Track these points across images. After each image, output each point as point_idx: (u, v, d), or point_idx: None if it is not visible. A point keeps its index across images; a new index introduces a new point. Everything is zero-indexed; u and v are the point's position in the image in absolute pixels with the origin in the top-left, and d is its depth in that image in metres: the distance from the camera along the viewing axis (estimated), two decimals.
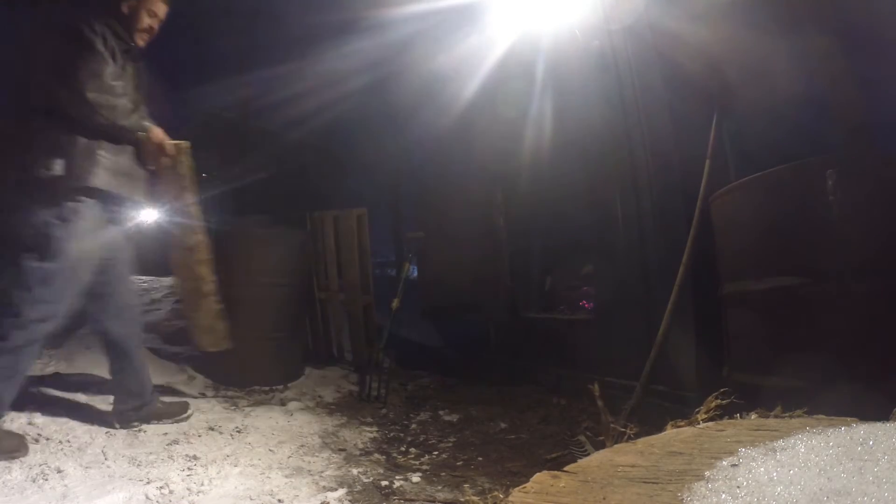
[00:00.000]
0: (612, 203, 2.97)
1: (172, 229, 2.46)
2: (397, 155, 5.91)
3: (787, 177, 1.84)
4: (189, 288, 2.51)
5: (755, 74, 2.51)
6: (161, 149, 2.26)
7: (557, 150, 3.46)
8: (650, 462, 0.83)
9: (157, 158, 2.27)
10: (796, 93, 2.48)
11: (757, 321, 1.97)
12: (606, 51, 2.88)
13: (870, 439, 0.78)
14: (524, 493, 0.75)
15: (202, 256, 2.47)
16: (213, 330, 2.59)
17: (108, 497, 1.65)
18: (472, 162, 4.25)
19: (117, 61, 2.18)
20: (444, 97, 4.21)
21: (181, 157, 2.34)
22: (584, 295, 3.60)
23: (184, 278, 2.51)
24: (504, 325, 3.97)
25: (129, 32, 2.29)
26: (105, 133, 2.11)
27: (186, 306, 2.59)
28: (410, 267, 3.89)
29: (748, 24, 2.42)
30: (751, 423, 1.01)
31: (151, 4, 2.33)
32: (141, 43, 2.35)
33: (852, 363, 1.63)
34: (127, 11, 2.28)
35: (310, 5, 6.05)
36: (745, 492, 0.67)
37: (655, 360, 2.37)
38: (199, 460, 2.00)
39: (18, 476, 1.76)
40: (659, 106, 2.66)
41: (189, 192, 2.38)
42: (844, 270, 1.69)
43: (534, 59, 3.43)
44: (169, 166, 2.32)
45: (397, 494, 1.86)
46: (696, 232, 2.33)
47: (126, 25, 2.27)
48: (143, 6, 2.31)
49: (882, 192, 1.71)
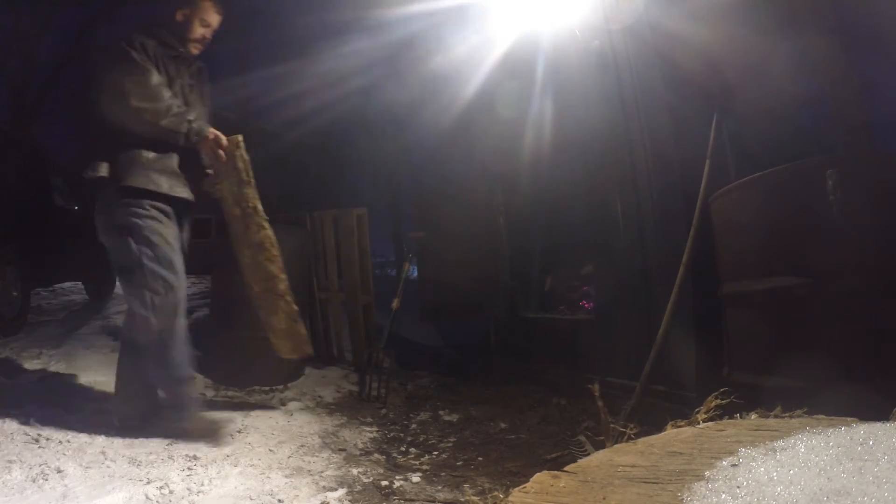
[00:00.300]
0: (612, 203, 2.97)
1: (235, 228, 2.34)
2: (397, 155, 5.92)
3: (787, 177, 1.84)
4: (262, 290, 2.36)
5: (755, 74, 2.51)
6: (217, 143, 2.24)
7: (557, 149, 3.46)
8: (650, 462, 0.83)
9: (214, 154, 2.26)
10: (796, 93, 2.48)
11: (757, 321, 1.97)
12: (606, 51, 2.88)
13: (870, 439, 0.78)
14: (524, 493, 0.75)
15: (272, 253, 2.34)
16: (292, 334, 2.41)
17: (108, 497, 1.65)
18: (472, 162, 4.25)
19: (164, 69, 2.26)
20: (444, 97, 4.21)
21: (237, 150, 2.27)
22: (584, 295, 3.60)
23: (255, 280, 2.36)
24: (504, 325, 3.97)
25: (182, 40, 2.37)
26: (153, 135, 2.17)
27: (262, 311, 2.41)
28: (410, 267, 3.89)
29: (748, 24, 2.42)
30: (751, 423, 1.01)
31: (204, 13, 2.39)
32: (194, 51, 2.42)
33: (852, 363, 1.63)
34: (180, 19, 2.37)
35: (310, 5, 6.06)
36: (745, 492, 0.67)
37: (655, 360, 2.37)
38: (199, 460, 2.00)
39: (18, 476, 1.75)
40: (659, 106, 2.66)
41: (249, 186, 2.30)
42: (844, 270, 1.69)
43: (534, 59, 3.43)
44: (226, 161, 2.25)
45: (397, 494, 1.86)
46: (696, 232, 2.33)
47: (178, 33, 2.35)
48: (196, 15, 2.38)
49: (882, 192, 1.71)
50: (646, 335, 2.59)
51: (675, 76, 2.59)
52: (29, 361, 3.15)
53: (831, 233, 1.71)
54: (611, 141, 2.94)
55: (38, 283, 5.00)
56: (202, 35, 2.40)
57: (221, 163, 2.26)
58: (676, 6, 2.56)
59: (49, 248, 4.66)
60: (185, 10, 2.35)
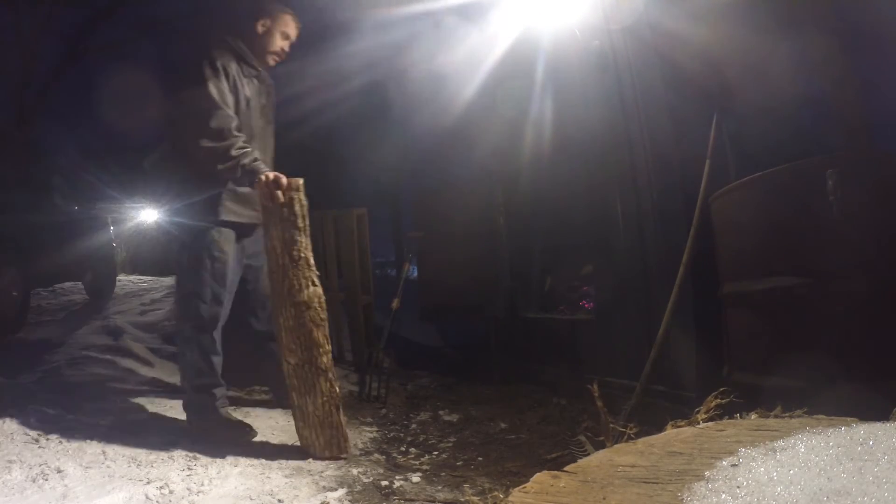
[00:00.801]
0: (612, 203, 2.97)
1: (278, 282, 2.00)
2: (397, 155, 5.91)
3: (787, 177, 1.84)
4: (300, 361, 1.96)
5: (755, 74, 2.51)
6: (276, 184, 2.04)
7: (557, 149, 3.46)
8: (650, 462, 0.83)
9: (270, 196, 2.05)
10: (796, 93, 2.48)
11: (757, 321, 1.97)
12: (606, 51, 2.88)
13: (870, 439, 0.78)
14: (524, 493, 0.75)
15: (319, 316, 1.97)
16: (329, 425, 1.97)
17: (108, 497, 1.65)
18: (472, 162, 4.24)
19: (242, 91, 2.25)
20: (445, 97, 4.21)
21: (296, 194, 2.02)
22: (584, 295, 3.60)
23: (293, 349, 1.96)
24: (504, 325, 3.97)
25: (261, 53, 2.34)
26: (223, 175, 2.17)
27: (296, 390, 1.99)
28: (410, 267, 3.89)
29: (748, 24, 2.42)
30: (751, 423, 1.01)
31: (285, 26, 2.37)
32: (271, 63, 2.41)
33: (852, 363, 1.63)
34: (261, 31, 2.33)
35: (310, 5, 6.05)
36: (745, 492, 0.67)
37: (655, 360, 2.37)
38: (199, 460, 2.00)
39: (18, 476, 1.75)
40: (659, 106, 2.66)
41: (303, 233, 2.02)
42: (844, 270, 1.69)
43: (534, 59, 3.43)
44: (283, 204, 2.01)
45: (397, 494, 1.86)
46: (696, 232, 2.33)
47: (258, 46, 2.33)
48: (278, 28, 2.35)
49: (882, 192, 1.71)
50: (646, 335, 2.59)
51: (675, 76, 2.59)
52: (29, 361, 3.15)
53: (831, 233, 1.71)
54: (611, 141, 2.95)
55: (38, 283, 5.00)
56: (281, 48, 2.38)
57: (277, 205, 2.02)
58: (676, 6, 2.56)
59: (49, 248, 4.66)
60: (266, 21, 2.33)
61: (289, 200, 2.02)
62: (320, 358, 1.97)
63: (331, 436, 2.02)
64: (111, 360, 3.28)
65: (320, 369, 1.97)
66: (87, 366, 3.11)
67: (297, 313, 1.98)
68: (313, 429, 2.01)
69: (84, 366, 3.11)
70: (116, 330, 4.13)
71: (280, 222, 2.02)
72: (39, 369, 3.02)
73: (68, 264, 5.16)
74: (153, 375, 3.13)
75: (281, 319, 2.02)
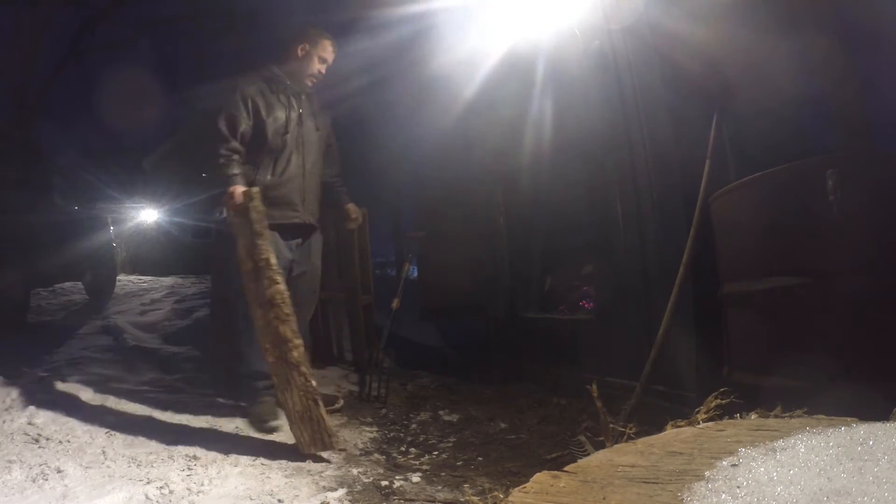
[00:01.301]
0: (612, 203, 2.97)
1: (248, 284, 2.17)
2: (397, 155, 5.91)
3: (787, 177, 1.84)
4: (275, 358, 2.07)
5: (755, 74, 2.51)
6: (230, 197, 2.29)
7: (557, 150, 3.46)
8: (650, 462, 0.83)
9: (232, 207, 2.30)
10: (796, 93, 2.48)
11: (757, 321, 1.97)
12: (606, 51, 2.88)
13: (870, 439, 0.78)
14: (524, 493, 0.75)
15: (283, 311, 2.07)
16: (309, 419, 2.03)
17: (108, 497, 1.65)
18: (472, 162, 4.24)
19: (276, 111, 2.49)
20: (444, 97, 4.21)
21: (250, 202, 2.20)
22: (584, 295, 3.60)
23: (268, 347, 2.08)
24: (504, 325, 3.97)
25: (299, 76, 2.58)
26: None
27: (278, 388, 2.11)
28: (410, 267, 3.88)
29: (748, 24, 2.42)
30: (751, 423, 1.01)
31: (322, 51, 2.59)
32: (309, 84, 2.62)
33: (852, 363, 1.63)
34: (301, 55, 2.56)
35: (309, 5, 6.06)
36: (745, 492, 0.67)
37: (655, 360, 2.37)
38: (199, 460, 2.00)
39: (18, 476, 1.76)
40: (659, 106, 2.66)
41: (261, 237, 2.16)
42: (844, 270, 1.69)
43: (534, 59, 3.43)
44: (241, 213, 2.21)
45: (397, 494, 1.86)
46: (696, 232, 2.33)
47: (297, 69, 2.58)
48: (316, 52, 2.57)
49: (882, 192, 1.71)
50: (646, 335, 2.59)
51: (675, 76, 2.59)
52: (29, 361, 3.14)
53: (831, 233, 1.71)
54: (611, 141, 2.94)
55: (38, 283, 5.00)
56: (318, 70, 2.59)
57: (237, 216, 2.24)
58: (676, 6, 2.55)
59: (49, 248, 4.66)
60: (305, 45, 2.55)
61: (244, 210, 2.20)
62: (290, 353, 2.04)
63: (313, 431, 2.06)
64: (111, 360, 3.28)
65: (291, 364, 2.04)
66: (87, 366, 3.11)
67: (263, 313, 2.10)
68: (297, 424, 2.06)
69: (84, 366, 3.10)
70: (116, 330, 4.13)
71: (241, 231, 2.22)
72: (39, 369, 3.02)
73: (68, 264, 5.16)
74: (153, 375, 3.13)
75: (255, 321, 2.16)
